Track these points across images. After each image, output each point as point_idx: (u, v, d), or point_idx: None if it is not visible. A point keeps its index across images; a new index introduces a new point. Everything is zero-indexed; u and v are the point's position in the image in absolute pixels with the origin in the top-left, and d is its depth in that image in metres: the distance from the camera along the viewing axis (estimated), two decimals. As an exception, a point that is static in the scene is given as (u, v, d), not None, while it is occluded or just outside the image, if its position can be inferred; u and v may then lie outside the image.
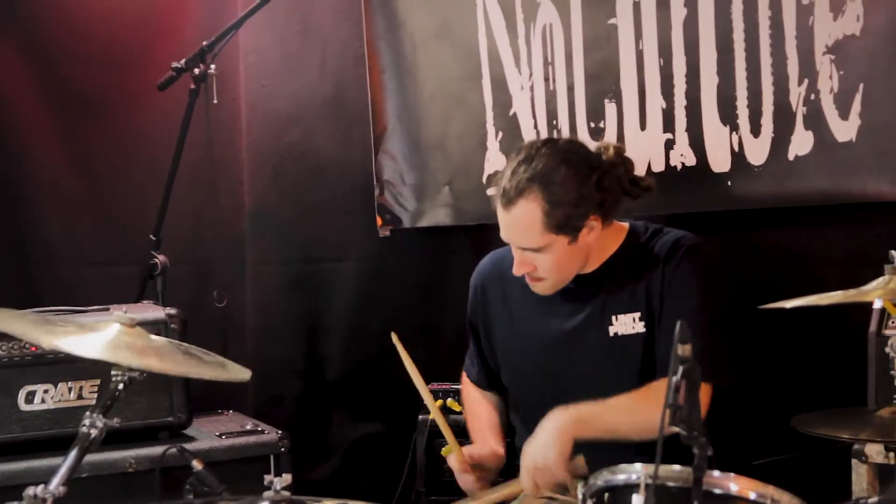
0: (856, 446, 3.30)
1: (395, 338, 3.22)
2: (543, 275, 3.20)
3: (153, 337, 2.84)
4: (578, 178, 3.12)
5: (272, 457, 3.88)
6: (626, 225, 3.32)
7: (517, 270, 3.21)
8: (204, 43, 4.42)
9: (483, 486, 3.30)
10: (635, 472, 2.23)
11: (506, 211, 3.15)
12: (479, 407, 3.58)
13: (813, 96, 3.72)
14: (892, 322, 3.38)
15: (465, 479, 3.32)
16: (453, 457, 3.30)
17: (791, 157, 3.79)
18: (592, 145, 3.31)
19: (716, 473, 2.16)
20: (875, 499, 2.68)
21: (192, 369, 2.91)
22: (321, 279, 4.95)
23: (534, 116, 4.31)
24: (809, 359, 3.86)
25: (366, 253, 4.90)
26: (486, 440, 3.41)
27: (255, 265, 4.96)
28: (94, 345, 2.62)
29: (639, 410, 2.99)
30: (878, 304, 3.39)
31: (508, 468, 3.41)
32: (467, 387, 3.65)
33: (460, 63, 4.53)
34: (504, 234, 3.21)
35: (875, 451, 3.28)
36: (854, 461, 3.32)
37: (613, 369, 3.23)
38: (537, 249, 3.14)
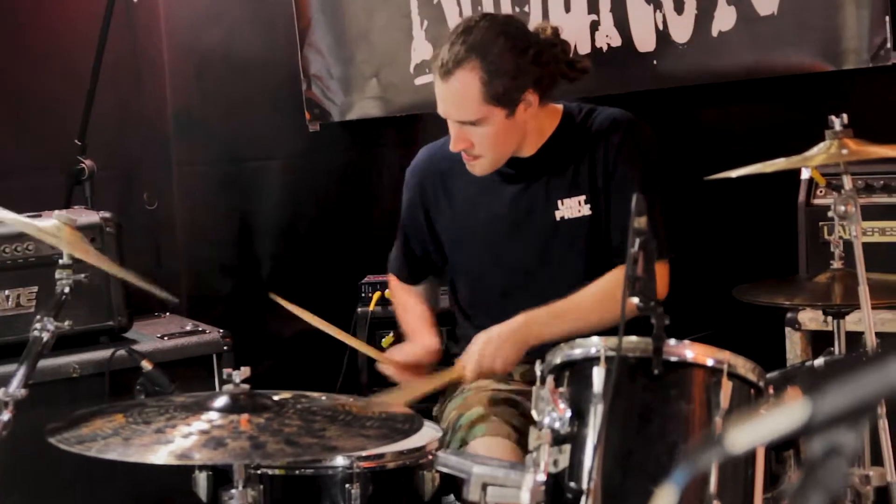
0: (789, 315, 3.39)
1: (277, 298, 3.16)
2: (480, 151, 3.20)
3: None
4: (516, 51, 3.13)
5: (214, 356, 3.89)
6: (560, 106, 3.33)
7: (454, 146, 3.21)
8: (120, -58, 4.33)
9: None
10: (593, 345, 2.26)
11: (444, 82, 3.14)
12: (408, 303, 3.57)
13: (735, -29, 3.76)
14: (821, 191, 3.45)
15: (403, 379, 3.32)
16: (386, 367, 3.30)
17: (715, 33, 3.83)
18: (530, 26, 3.31)
19: (671, 342, 2.20)
20: (820, 360, 2.76)
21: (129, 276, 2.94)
22: (250, 178, 4.92)
23: (459, 4, 4.29)
24: (745, 232, 3.94)
25: (294, 149, 4.87)
26: (420, 337, 3.40)
27: (183, 166, 4.91)
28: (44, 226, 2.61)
29: (599, 309, 3.03)
30: (805, 175, 3.47)
31: (445, 356, 3.45)
32: (395, 285, 3.64)
33: (382, -48, 4.50)
34: (441, 108, 3.20)
35: (808, 318, 3.36)
36: (787, 329, 3.41)
37: (561, 253, 3.26)
38: (474, 122, 3.14)
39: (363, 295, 4.27)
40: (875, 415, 2.59)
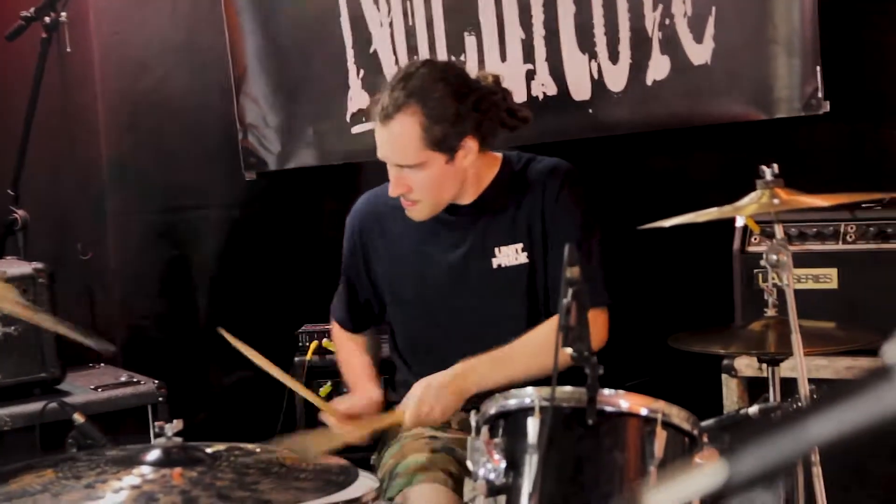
0: (725, 361, 3.41)
1: (225, 334, 3.13)
2: (419, 196, 3.20)
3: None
4: (457, 97, 3.14)
5: (150, 407, 3.85)
6: (499, 155, 3.34)
7: (393, 191, 3.21)
8: (53, -10, 4.31)
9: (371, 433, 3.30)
10: (528, 395, 2.26)
11: (384, 126, 3.14)
12: (350, 353, 3.55)
13: (668, 21, 3.80)
14: (755, 238, 3.48)
15: (348, 432, 3.29)
16: (328, 416, 3.27)
17: (649, 81, 3.87)
18: (472, 75, 3.32)
19: (606, 392, 2.20)
20: (755, 407, 2.77)
21: (64, 329, 2.88)
22: (186, 227, 4.89)
23: (395, 53, 4.31)
24: (681, 279, 3.96)
25: (231, 198, 4.85)
26: (362, 388, 3.38)
27: (117, 216, 4.88)
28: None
29: (537, 357, 3.02)
30: (740, 222, 3.48)
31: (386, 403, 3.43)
32: (337, 332, 3.62)
33: (318, 1, 4.49)
34: (380, 152, 3.20)
35: (744, 365, 3.38)
36: (724, 376, 3.42)
37: (498, 301, 3.25)
38: (414, 166, 3.14)
39: (300, 344, 4.24)
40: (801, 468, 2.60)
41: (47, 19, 4.29)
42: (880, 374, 0.81)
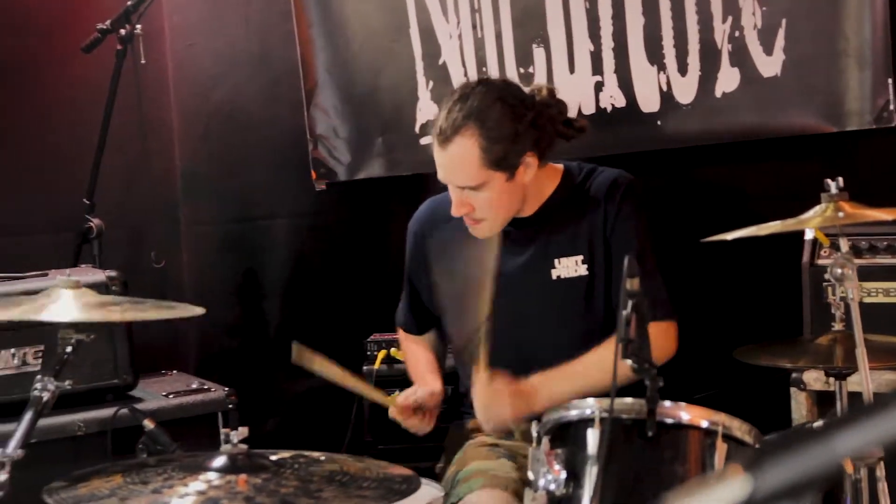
0: (794, 375, 3.38)
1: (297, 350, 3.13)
2: (482, 215, 3.20)
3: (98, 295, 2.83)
4: (514, 115, 3.14)
5: (220, 414, 3.89)
6: (560, 166, 3.34)
7: (455, 211, 3.21)
8: (129, 3, 4.37)
9: (429, 422, 3.32)
10: (588, 406, 2.27)
11: (443, 149, 3.15)
12: (413, 351, 3.61)
13: (737, 33, 3.79)
14: (825, 251, 3.45)
15: (410, 423, 3.33)
16: (392, 409, 3.31)
17: (718, 94, 3.85)
18: (525, 89, 3.33)
19: (667, 403, 2.20)
20: (819, 422, 2.75)
21: (146, 314, 2.91)
22: (257, 237, 4.95)
23: (463, 65, 4.33)
24: (748, 292, 3.93)
25: (301, 208, 4.90)
26: (424, 381, 3.43)
27: (190, 225, 4.95)
28: (52, 309, 2.62)
29: (607, 371, 3.02)
30: (809, 235, 3.47)
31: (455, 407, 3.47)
32: (402, 336, 3.68)
33: (387, 14, 4.53)
34: (441, 175, 3.21)
35: (813, 379, 3.35)
36: (793, 389, 3.40)
37: (557, 312, 3.26)
38: (475, 187, 3.15)
39: (369, 353, 4.26)
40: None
41: (123, 32, 4.36)
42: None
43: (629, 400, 2.21)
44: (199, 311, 2.87)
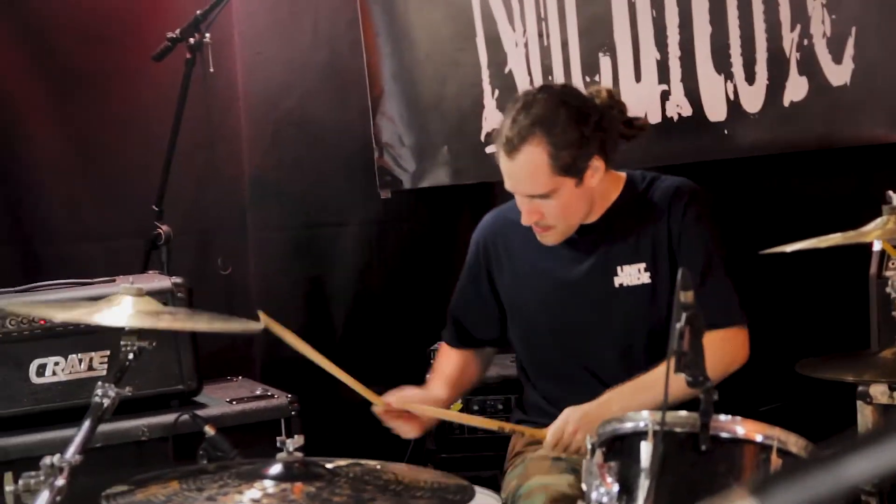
0: (860, 388, 3.33)
1: (263, 316, 3.04)
2: (552, 222, 3.18)
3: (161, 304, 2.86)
4: (579, 119, 3.11)
5: (283, 420, 3.91)
6: (623, 174, 3.32)
7: (526, 220, 3.19)
8: (198, 12, 4.42)
9: (421, 429, 3.30)
10: (642, 419, 2.25)
11: (510, 159, 3.12)
12: (439, 360, 3.58)
13: (806, 41, 3.73)
14: (892, 263, 3.40)
15: (397, 426, 3.30)
16: (377, 407, 3.25)
17: (786, 103, 3.80)
18: (584, 92, 3.30)
19: (722, 417, 2.18)
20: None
21: (206, 325, 2.93)
22: (323, 244, 4.98)
23: (529, 73, 4.32)
24: (812, 303, 3.88)
25: (367, 216, 4.93)
26: (430, 385, 3.43)
27: (257, 232, 4.98)
28: (107, 313, 2.65)
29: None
30: (877, 247, 3.41)
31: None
32: (440, 348, 3.64)
33: (453, 22, 4.53)
34: (509, 185, 3.18)
35: (879, 392, 3.30)
36: (859, 402, 3.34)
37: (618, 320, 3.24)
38: (545, 195, 3.12)
39: (432, 361, 4.26)
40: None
41: (192, 40, 4.40)
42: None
43: (683, 413, 2.19)
44: (256, 326, 2.88)
